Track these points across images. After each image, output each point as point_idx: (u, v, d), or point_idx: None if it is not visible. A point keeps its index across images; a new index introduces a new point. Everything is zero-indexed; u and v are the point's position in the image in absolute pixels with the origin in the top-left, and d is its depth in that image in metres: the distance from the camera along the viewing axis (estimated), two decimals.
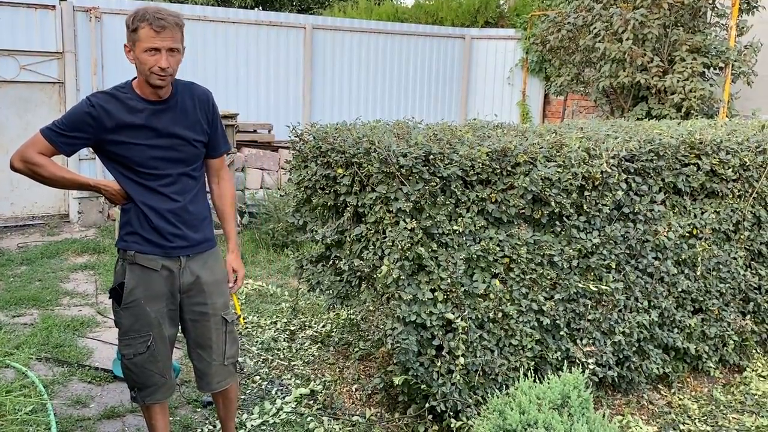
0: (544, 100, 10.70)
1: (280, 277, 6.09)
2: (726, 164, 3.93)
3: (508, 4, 11.38)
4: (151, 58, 2.47)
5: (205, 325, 2.80)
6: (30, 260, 6.32)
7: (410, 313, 3.05)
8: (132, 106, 2.55)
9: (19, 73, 7.56)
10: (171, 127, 2.61)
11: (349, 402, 3.75)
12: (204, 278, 2.76)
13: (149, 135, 2.58)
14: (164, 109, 2.60)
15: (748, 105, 7.87)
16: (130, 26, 2.48)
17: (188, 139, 2.66)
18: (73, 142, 2.56)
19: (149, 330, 2.69)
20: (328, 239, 3.61)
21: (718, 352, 4.12)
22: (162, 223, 2.63)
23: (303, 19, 9.72)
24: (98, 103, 2.52)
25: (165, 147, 2.61)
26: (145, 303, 2.66)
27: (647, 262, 3.69)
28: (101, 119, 2.52)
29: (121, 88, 2.59)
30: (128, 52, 2.52)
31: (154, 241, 2.65)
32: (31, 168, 2.56)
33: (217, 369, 2.86)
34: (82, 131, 2.54)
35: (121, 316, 2.69)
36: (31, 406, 3.35)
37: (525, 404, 2.40)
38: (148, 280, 2.66)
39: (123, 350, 2.73)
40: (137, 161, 2.58)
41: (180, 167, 2.66)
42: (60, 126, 2.54)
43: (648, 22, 7.02)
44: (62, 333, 4.56)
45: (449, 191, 3.13)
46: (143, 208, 2.62)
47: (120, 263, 2.70)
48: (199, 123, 2.70)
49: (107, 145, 2.57)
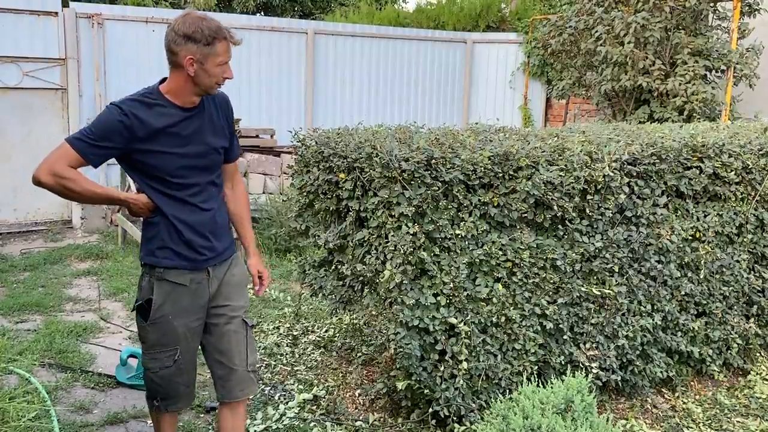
0: (546, 104, 10.70)
1: (282, 281, 6.09)
2: (728, 167, 3.92)
3: (510, 8, 11.39)
4: (221, 69, 2.48)
5: (226, 329, 2.73)
6: (33, 266, 6.32)
7: (413, 317, 3.05)
8: (163, 113, 2.48)
9: (22, 80, 7.58)
10: (200, 135, 2.57)
11: (353, 407, 3.75)
12: (226, 281, 2.73)
13: (180, 143, 2.51)
14: (193, 116, 2.55)
15: (750, 108, 7.86)
16: (202, 40, 2.41)
17: (216, 147, 2.63)
18: (104, 153, 2.44)
19: (176, 344, 2.63)
20: (331, 244, 3.61)
21: (722, 356, 4.11)
22: (193, 236, 2.58)
23: (305, 24, 9.75)
24: (130, 111, 2.43)
25: (194, 155, 2.55)
26: (172, 318, 2.60)
27: (650, 266, 3.69)
28: (134, 128, 2.42)
29: (148, 94, 2.50)
30: (191, 64, 2.43)
31: (185, 255, 2.58)
32: (61, 183, 2.39)
33: (240, 375, 2.77)
34: (113, 141, 2.42)
35: (147, 332, 2.63)
36: (35, 412, 3.34)
37: (528, 409, 2.40)
38: (176, 296, 2.60)
39: (148, 364, 2.67)
40: (167, 170, 2.51)
41: (207, 175, 2.62)
42: (90, 136, 2.41)
43: (649, 25, 7.02)
44: (65, 339, 4.56)
45: (451, 195, 3.13)
46: (174, 221, 2.55)
47: (146, 278, 2.62)
48: (222, 129, 2.67)
49: (137, 154, 2.48)
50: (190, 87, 2.49)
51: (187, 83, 2.48)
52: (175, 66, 2.47)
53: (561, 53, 8.29)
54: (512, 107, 10.78)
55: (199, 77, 2.46)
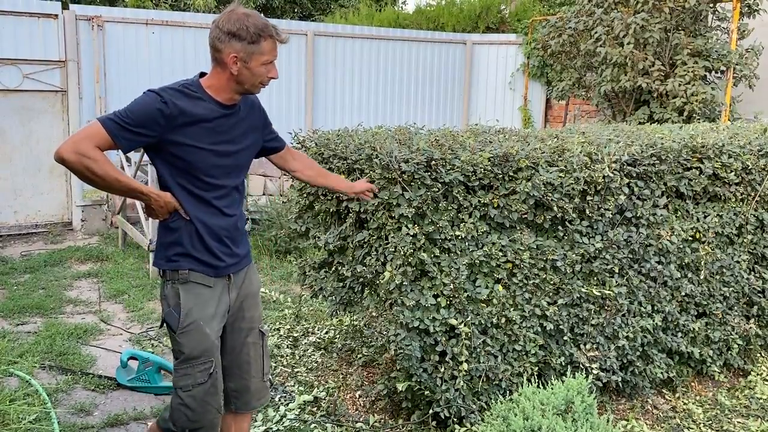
0: (546, 105, 10.71)
1: (282, 283, 6.09)
2: (728, 168, 3.93)
3: (509, 9, 11.40)
4: (266, 69, 2.40)
5: (243, 341, 2.65)
6: (33, 268, 6.33)
7: (413, 318, 3.05)
8: (203, 107, 2.38)
9: (22, 82, 7.59)
10: (237, 134, 2.50)
11: (353, 408, 3.75)
12: (244, 291, 2.63)
13: (216, 140, 2.42)
14: (231, 114, 2.47)
15: (750, 108, 7.87)
16: (247, 38, 2.31)
17: (247, 147, 2.57)
18: (137, 138, 2.30)
19: (210, 355, 2.46)
20: (331, 245, 3.61)
21: (723, 356, 4.11)
22: (215, 243, 2.47)
23: (305, 25, 9.75)
24: (171, 99, 2.30)
25: (228, 154, 2.47)
26: (204, 325, 2.45)
27: (650, 266, 3.69)
28: (173, 117, 2.31)
29: (188, 85, 2.38)
30: (235, 62, 2.33)
31: (207, 262, 2.47)
32: (84, 163, 2.21)
33: (256, 386, 2.71)
34: (149, 128, 2.29)
35: (179, 344, 2.44)
36: (35, 414, 3.35)
37: (529, 410, 2.40)
38: (204, 299, 2.47)
39: (180, 382, 2.45)
40: (202, 168, 2.40)
41: (234, 178, 2.53)
42: (125, 119, 2.27)
43: (649, 26, 7.03)
44: (66, 341, 4.56)
45: (451, 197, 3.14)
46: (197, 225, 2.44)
47: (168, 286, 2.47)
48: (252, 129, 2.61)
49: (170, 146, 2.35)
50: (233, 85, 2.41)
51: (229, 81, 2.39)
52: (219, 63, 2.38)
53: (561, 54, 8.30)
54: (512, 108, 10.79)
55: (243, 76, 2.37)
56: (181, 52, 8.60)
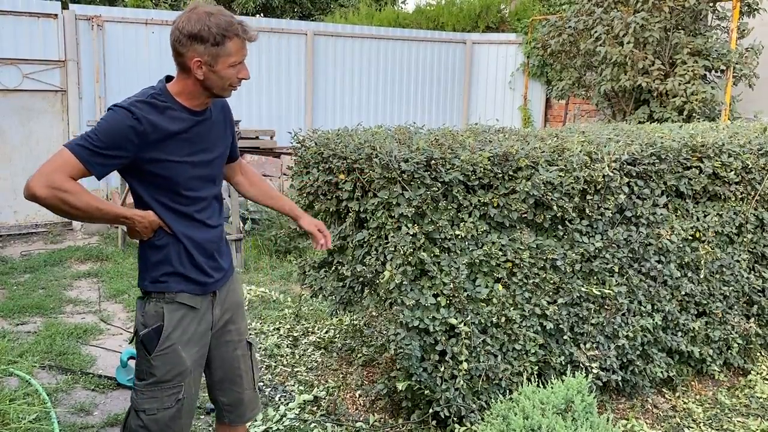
0: (546, 104, 10.71)
1: (282, 283, 6.09)
2: (728, 167, 3.92)
3: (509, 8, 11.40)
4: (235, 70, 2.21)
5: (233, 355, 2.55)
6: (33, 268, 6.33)
7: (413, 318, 3.05)
8: (175, 118, 2.21)
9: (22, 82, 7.59)
10: (211, 141, 2.35)
11: (353, 408, 3.75)
12: (229, 305, 2.52)
13: (192, 151, 2.27)
14: (204, 120, 2.31)
15: (750, 107, 7.87)
16: (210, 39, 2.12)
17: (222, 152, 2.44)
18: (111, 162, 2.13)
19: (182, 380, 2.32)
20: (331, 245, 3.61)
21: (723, 356, 4.11)
22: (203, 258, 2.35)
23: (304, 25, 9.75)
24: (142, 115, 2.13)
25: (205, 164, 2.32)
26: (181, 348, 2.30)
27: (650, 266, 3.69)
28: (147, 134, 2.13)
29: (157, 95, 2.21)
30: (199, 66, 2.15)
31: (195, 280, 2.34)
32: (60, 197, 2.04)
33: (249, 397, 2.62)
34: (122, 149, 2.11)
35: (152, 366, 2.28)
36: (35, 414, 3.35)
37: (529, 409, 2.40)
38: (187, 321, 2.33)
39: (145, 405, 2.30)
40: (180, 182, 2.25)
41: (213, 187, 2.40)
42: (95, 142, 2.08)
43: (649, 25, 7.03)
44: (66, 341, 4.56)
45: (451, 196, 3.14)
46: (184, 241, 2.30)
47: (152, 303, 2.31)
48: (225, 133, 2.47)
49: (147, 164, 2.19)
50: (200, 90, 2.24)
51: (195, 86, 2.22)
52: (183, 68, 2.21)
53: (560, 53, 8.30)
54: (512, 108, 10.79)
55: (210, 81, 2.20)
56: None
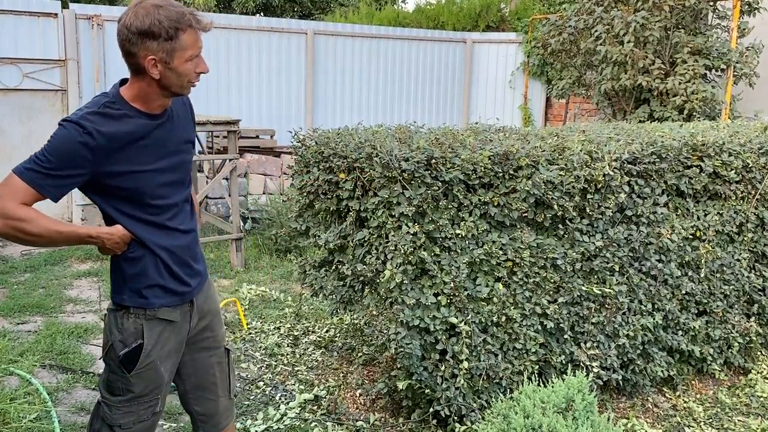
0: (546, 104, 10.71)
1: (283, 282, 6.09)
2: (729, 166, 3.92)
3: (509, 7, 11.40)
4: (193, 65, 2.05)
5: (208, 362, 2.45)
6: (33, 267, 6.33)
7: (413, 317, 3.05)
8: (133, 125, 2.06)
9: (22, 81, 7.59)
10: (174, 143, 2.20)
11: (353, 407, 3.75)
12: (206, 311, 2.42)
13: (156, 157, 2.12)
14: (164, 122, 2.16)
15: (750, 106, 7.87)
16: (163, 34, 1.96)
17: (188, 152, 2.29)
18: (66, 183, 1.99)
19: (158, 393, 2.26)
20: (331, 244, 3.61)
21: (723, 355, 4.11)
22: (179, 267, 2.24)
23: (305, 24, 9.75)
24: (94, 128, 1.97)
25: (171, 169, 2.19)
26: (160, 364, 2.23)
27: (650, 265, 3.69)
28: (102, 148, 1.98)
29: (110, 103, 2.04)
30: (154, 65, 1.99)
31: (174, 290, 2.24)
32: (15, 226, 1.93)
33: (224, 404, 2.53)
34: (77, 167, 1.97)
35: (130, 383, 2.20)
36: (36, 413, 3.35)
37: (529, 408, 2.40)
38: (166, 336, 2.24)
39: (121, 419, 2.22)
40: (147, 192, 2.12)
41: (182, 191, 2.27)
42: (45, 164, 1.95)
43: (649, 24, 7.02)
44: (66, 340, 4.56)
45: (451, 195, 3.13)
46: (159, 252, 2.18)
47: (131, 320, 2.19)
48: (191, 129, 2.34)
49: (108, 179, 2.04)
50: (157, 91, 2.07)
51: (151, 87, 2.05)
52: (136, 70, 2.03)
53: (561, 53, 8.29)
54: (512, 107, 10.78)
55: (167, 79, 2.03)
56: None
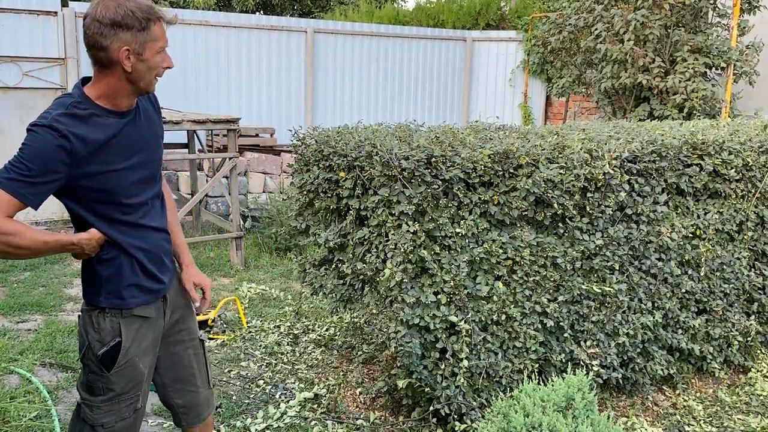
0: (546, 102, 10.71)
1: (283, 280, 6.10)
2: (729, 164, 3.92)
3: (509, 6, 11.39)
4: (161, 58, 2.07)
5: (184, 355, 2.47)
6: (33, 266, 6.33)
7: (413, 316, 3.05)
8: (102, 124, 2.04)
9: (22, 80, 7.58)
10: (144, 140, 2.19)
11: (353, 405, 3.75)
12: (178, 305, 2.43)
13: (126, 156, 2.11)
14: (133, 119, 2.15)
15: (750, 105, 7.87)
16: (136, 25, 1.97)
17: (159, 150, 2.28)
18: (46, 189, 1.98)
19: (138, 390, 2.27)
20: (331, 243, 3.61)
21: (723, 353, 4.11)
22: (153, 265, 2.25)
23: (304, 23, 9.74)
24: (67, 130, 1.95)
25: (142, 166, 2.18)
26: (138, 360, 2.23)
27: (651, 263, 3.69)
28: (77, 151, 1.97)
29: (77, 104, 2.02)
30: (128, 57, 1.99)
31: (149, 288, 2.25)
32: (4, 240, 1.94)
33: (205, 395, 2.56)
34: (55, 172, 1.96)
35: (110, 382, 2.19)
36: (36, 411, 3.35)
37: (529, 407, 2.40)
38: (143, 333, 2.25)
39: (103, 418, 2.21)
40: (121, 191, 2.11)
41: (153, 188, 2.26)
42: (25, 172, 1.93)
43: (649, 22, 7.02)
44: (66, 338, 4.56)
45: (451, 194, 3.13)
46: (134, 252, 2.18)
47: (107, 319, 2.18)
48: (158, 125, 2.31)
49: (82, 180, 2.03)
50: (126, 87, 2.06)
51: (120, 82, 2.04)
52: (105, 65, 2.01)
53: (561, 51, 8.29)
54: (512, 105, 10.78)
55: (138, 72, 2.03)
56: (182, 49, 8.59)
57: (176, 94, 8.62)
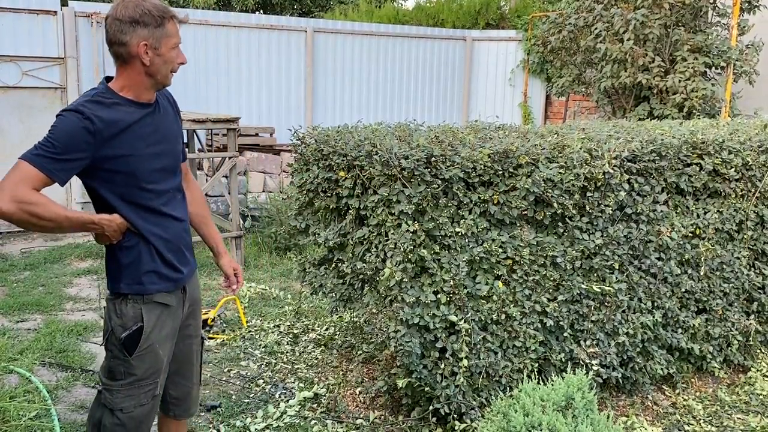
0: (546, 101, 10.70)
1: (282, 280, 6.09)
2: (728, 164, 3.92)
3: (509, 5, 11.39)
4: (176, 53, 2.27)
5: (189, 349, 2.61)
6: (33, 265, 6.33)
7: (413, 315, 3.05)
8: (124, 112, 2.22)
9: (21, 79, 7.58)
10: (164, 132, 2.36)
11: (353, 405, 3.75)
12: (193, 299, 2.57)
13: (148, 143, 2.28)
14: (153, 111, 2.33)
15: (750, 104, 7.86)
16: (152, 22, 2.17)
17: (177, 142, 2.44)
18: (71, 166, 2.13)
19: (157, 377, 2.38)
20: (331, 242, 3.61)
21: (723, 352, 4.11)
22: (172, 254, 2.38)
23: (304, 22, 9.74)
24: (92, 113, 2.13)
25: (163, 154, 2.34)
26: (159, 347, 2.36)
27: (650, 263, 3.69)
28: (101, 132, 2.14)
29: (101, 94, 2.22)
30: (146, 51, 2.18)
31: (168, 276, 2.37)
32: (28, 210, 2.04)
33: (195, 392, 2.70)
34: (80, 150, 2.12)
35: (131, 366, 2.31)
36: (35, 411, 3.35)
37: (529, 406, 2.40)
38: (164, 319, 2.38)
39: (122, 403, 2.32)
40: (142, 176, 2.26)
41: (174, 179, 2.41)
42: (51, 149, 2.10)
43: (649, 22, 7.02)
44: (66, 338, 4.56)
45: (451, 193, 3.13)
46: (152, 239, 2.32)
47: (129, 305, 2.32)
48: (177, 123, 2.50)
49: (105, 163, 2.19)
50: (145, 80, 2.25)
51: (140, 76, 2.24)
52: (127, 59, 2.21)
53: (560, 50, 8.28)
54: (512, 105, 10.78)
55: (155, 66, 2.22)
56: (181, 48, 8.58)
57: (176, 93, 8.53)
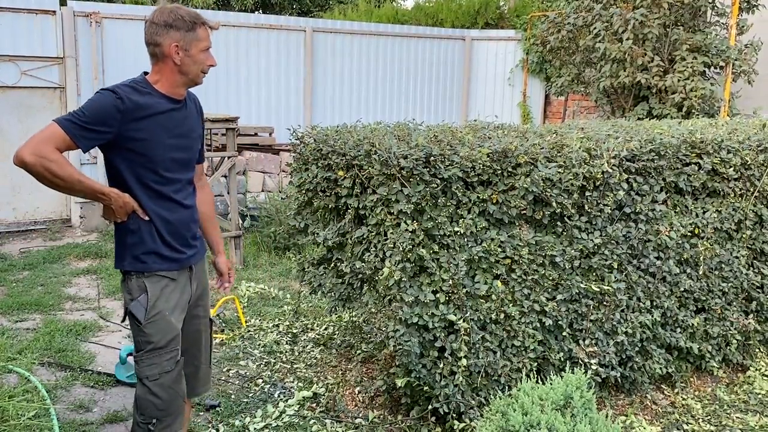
0: (545, 101, 10.70)
1: (282, 279, 6.09)
2: (727, 163, 3.92)
3: (508, 5, 11.39)
4: (205, 56, 2.48)
5: (198, 329, 2.77)
6: (32, 265, 6.32)
7: (412, 314, 3.05)
8: (154, 101, 2.45)
9: (20, 79, 7.57)
10: (187, 128, 2.58)
11: (352, 404, 3.75)
12: (202, 282, 2.76)
13: (170, 133, 2.49)
14: (180, 108, 2.55)
15: (749, 104, 7.86)
16: (184, 26, 2.42)
17: (196, 141, 2.66)
18: (96, 136, 2.34)
19: (177, 344, 2.55)
20: (330, 242, 3.61)
21: (722, 352, 4.11)
22: (175, 238, 2.56)
23: (303, 22, 9.73)
24: (125, 95, 2.37)
25: (181, 148, 2.55)
26: (169, 314, 2.53)
27: (649, 262, 3.69)
28: (129, 111, 2.37)
29: (137, 83, 2.47)
30: (177, 52, 2.42)
31: (170, 257, 2.55)
32: (45, 165, 2.25)
33: (204, 372, 2.84)
34: (107, 125, 2.34)
35: (145, 334, 2.50)
36: (34, 411, 3.35)
37: (528, 405, 2.40)
38: (169, 290, 2.55)
39: (147, 371, 2.51)
40: (158, 161, 2.46)
41: (187, 172, 2.62)
42: (82, 118, 2.31)
43: (648, 21, 7.02)
44: (65, 338, 4.56)
45: (450, 192, 3.13)
46: (157, 222, 2.50)
47: (133, 279, 2.52)
48: (200, 126, 2.71)
49: (128, 141, 2.40)
50: (177, 78, 2.49)
51: (173, 74, 2.48)
52: (160, 58, 2.46)
53: (559, 50, 8.28)
54: (511, 104, 10.78)
55: (186, 65, 2.46)
56: None
57: None
